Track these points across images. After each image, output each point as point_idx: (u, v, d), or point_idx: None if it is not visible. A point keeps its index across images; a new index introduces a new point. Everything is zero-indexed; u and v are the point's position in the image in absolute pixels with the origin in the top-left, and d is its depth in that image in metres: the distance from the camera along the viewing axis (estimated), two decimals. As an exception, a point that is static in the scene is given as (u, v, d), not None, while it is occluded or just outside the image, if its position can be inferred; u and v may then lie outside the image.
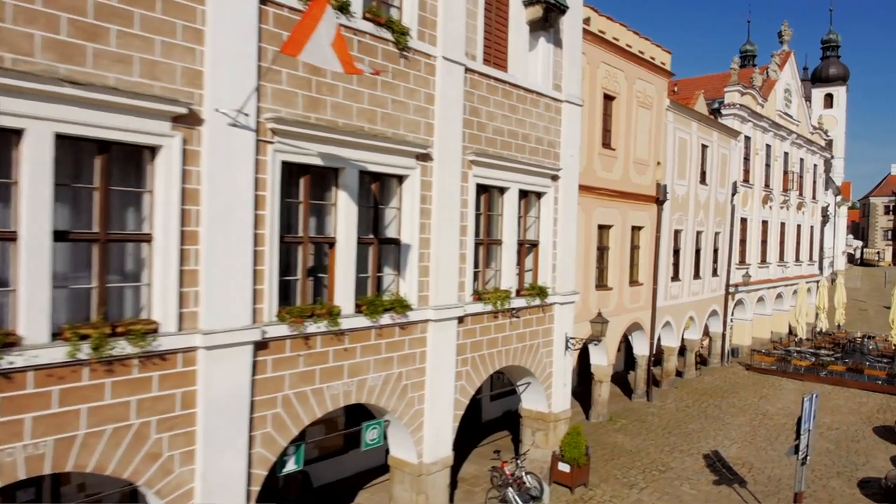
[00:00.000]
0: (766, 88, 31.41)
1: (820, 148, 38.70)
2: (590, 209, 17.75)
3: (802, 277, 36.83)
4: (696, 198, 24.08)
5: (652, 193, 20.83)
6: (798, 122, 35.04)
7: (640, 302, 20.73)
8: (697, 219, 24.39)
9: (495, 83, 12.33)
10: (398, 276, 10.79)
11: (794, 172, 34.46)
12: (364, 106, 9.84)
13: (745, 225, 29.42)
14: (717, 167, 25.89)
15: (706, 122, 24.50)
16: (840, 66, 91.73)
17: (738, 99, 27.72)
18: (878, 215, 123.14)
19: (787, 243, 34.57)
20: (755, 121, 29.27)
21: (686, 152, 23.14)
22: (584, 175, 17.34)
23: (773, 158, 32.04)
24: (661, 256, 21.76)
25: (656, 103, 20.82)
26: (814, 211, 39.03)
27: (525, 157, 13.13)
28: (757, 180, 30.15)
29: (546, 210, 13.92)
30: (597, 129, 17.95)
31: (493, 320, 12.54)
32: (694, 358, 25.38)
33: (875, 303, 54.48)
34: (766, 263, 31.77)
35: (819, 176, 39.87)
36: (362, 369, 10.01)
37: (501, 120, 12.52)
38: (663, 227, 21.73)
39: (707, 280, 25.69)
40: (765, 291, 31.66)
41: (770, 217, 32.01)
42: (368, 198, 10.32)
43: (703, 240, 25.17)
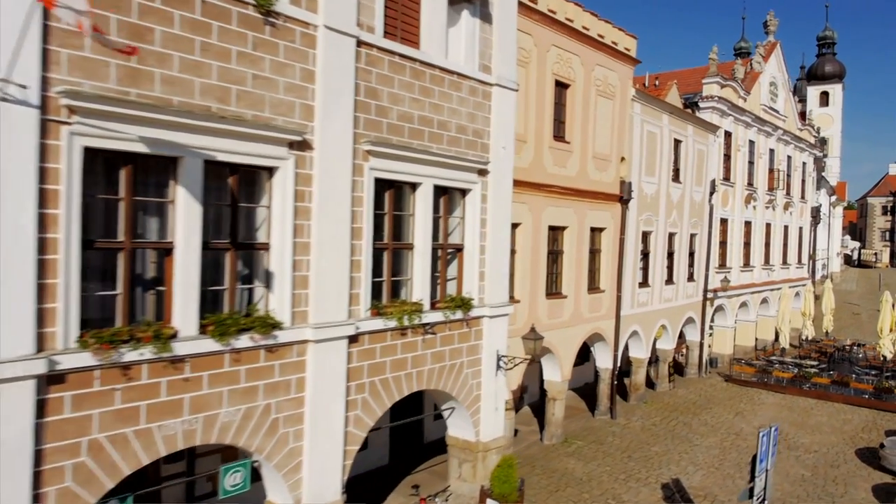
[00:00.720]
0: (749, 81, 29.59)
1: (809, 145, 36.89)
2: (539, 209, 15.94)
3: (790, 281, 34.99)
4: (667, 197, 22.27)
5: (615, 192, 19.02)
6: (785, 118, 33.23)
7: (602, 310, 18.92)
8: (670, 219, 22.57)
9: (401, 61, 10.53)
10: (267, 290, 8.98)
11: (780, 170, 32.65)
12: (211, 81, 8.02)
13: (725, 226, 27.61)
14: (693, 164, 24.08)
15: (680, 115, 22.70)
16: (836, 63, 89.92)
17: (718, 91, 25.90)
18: (875, 216, 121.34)
19: (773, 245, 32.76)
20: (736, 115, 27.46)
21: (656, 147, 21.33)
22: (531, 170, 15.56)
23: (756, 155, 30.23)
24: (627, 260, 19.95)
25: (620, 93, 19.01)
26: (802, 211, 37.22)
27: (442, 149, 11.32)
28: (739, 178, 28.34)
29: (472, 210, 12.12)
30: (547, 120, 16.15)
31: (400, 338, 10.73)
32: (667, 369, 23.57)
33: (869, 306, 52.65)
34: (750, 267, 29.94)
35: (809, 175, 38.06)
36: (211, 403, 8.20)
37: (410, 104, 10.71)
38: (629, 228, 19.91)
39: (682, 285, 23.88)
40: (748, 296, 29.85)
41: (754, 217, 30.20)
42: (223, 194, 8.52)
43: (677, 242, 23.36)
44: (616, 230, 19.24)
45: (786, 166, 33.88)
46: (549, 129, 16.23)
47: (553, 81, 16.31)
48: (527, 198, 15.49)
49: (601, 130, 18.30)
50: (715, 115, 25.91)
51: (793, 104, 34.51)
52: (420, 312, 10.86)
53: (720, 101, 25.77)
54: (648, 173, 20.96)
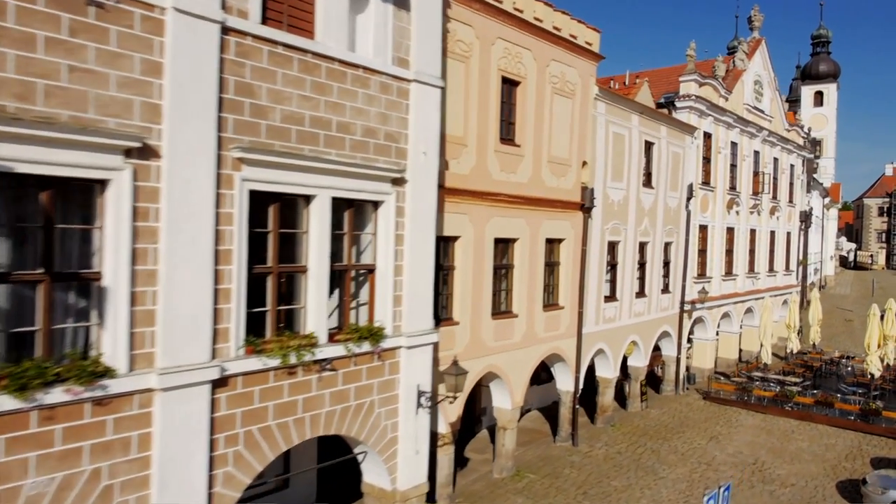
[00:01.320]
0: (731, 79, 28.02)
1: (797, 147, 35.33)
2: (482, 220, 14.34)
3: (777, 289, 33.45)
4: (638, 203, 20.67)
5: (575, 199, 17.42)
6: (771, 118, 31.66)
7: (561, 329, 17.32)
8: (641, 228, 20.97)
9: (287, 52, 8.94)
10: (100, 328, 7.38)
11: (765, 173, 31.08)
12: (6, 75, 6.44)
13: (705, 233, 26.03)
14: (668, 168, 22.49)
15: (651, 116, 21.10)
16: (830, 62, 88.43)
17: (695, 90, 24.32)
18: (871, 217, 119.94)
19: (758, 252, 31.17)
20: (716, 115, 25.88)
21: (624, 150, 19.74)
22: (473, 177, 13.97)
23: (740, 158, 28.65)
24: (591, 273, 18.37)
25: (581, 91, 17.42)
26: (790, 216, 35.66)
27: (343, 155, 9.73)
28: (720, 182, 26.76)
29: (385, 224, 10.53)
30: (493, 121, 14.55)
31: (288, 378, 9.13)
32: (639, 388, 21.97)
33: (863, 312, 50.95)
34: (732, 275, 28.36)
35: (797, 177, 36.51)
36: (11, 474, 6.60)
37: (300, 103, 9.12)
38: (592, 238, 18.33)
39: (655, 298, 22.29)
40: (731, 307, 28.25)
41: (737, 223, 28.61)
42: (33, 214, 6.92)
43: (650, 252, 21.77)
44: (577, 241, 17.64)
45: (772, 169, 32.31)
46: (495, 131, 14.63)
47: (499, 78, 14.71)
48: (467, 208, 13.90)
49: (559, 132, 16.71)
50: (693, 116, 24.33)
51: (780, 104, 32.95)
52: (313, 347, 9.27)
53: (698, 101, 24.19)
54: (615, 178, 19.37)
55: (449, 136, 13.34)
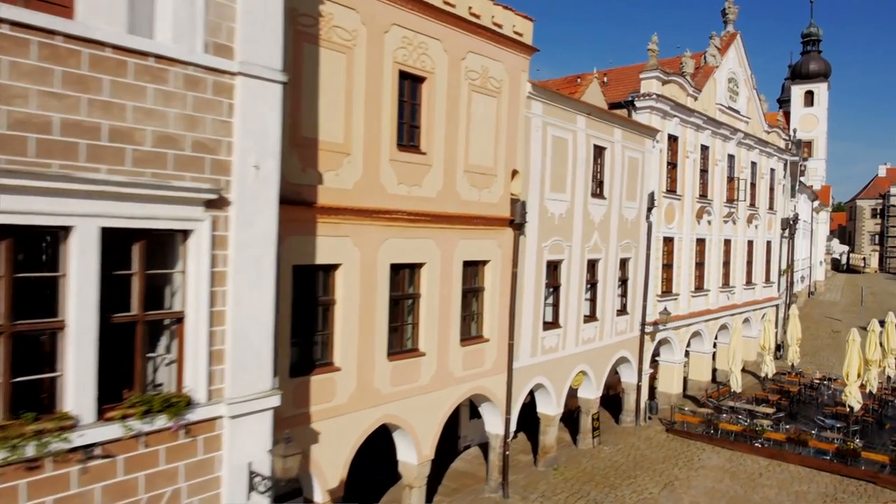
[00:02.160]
0: (701, 77, 25.67)
1: (778, 150, 32.99)
2: (372, 243, 11.94)
3: (756, 304, 31.13)
4: (585, 216, 18.29)
5: (502, 214, 15.03)
6: (748, 119, 29.32)
7: (485, 365, 14.93)
8: (589, 244, 18.59)
9: (20, 33, 6.53)
10: None
11: (741, 179, 28.73)
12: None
13: (670, 246, 23.67)
14: (624, 175, 20.12)
15: (602, 117, 18.72)
16: (821, 61, 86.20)
17: (657, 88, 21.95)
18: (864, 219, 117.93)
19: (734, 264, 28.84)
20: (683, 116, 23.52)
21: (567, 156, 17.35)
22: (358, 192, 11.61)
23: (712, 163, 26.30)
24: (525, 298, 16.00)
25: (509, 89, 15.03)
26: (771, 223, 33.34)
27: (121, 172, 7.31)
28: (688, 190, 24.40)
29: (197, 260, 8.11)
30: (387, 124, 12.15)
31: (28, 475, 6.72)
32: (591, 423, 19.59)
33: (852, 321, 48.83)
34: (703, 291, 26.00)
35: (778, 182, 34.19)
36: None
37: (42, 102, 6.70)
38: (526, 258, 15.96)
39: (610, 321, 19.91)
40: (702, 325, 25.91)
41: (709, 234, 26.26)
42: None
43: (602, 270, 19.38)
44: (506, 262, 15.26)
45: (749, 174, 29.97)
46: (390, 136, 12.23)
47: (397, 73, 12.30)
48: (351, 229, 11.51)
49: (480, 137, 14.32)
50: (654, 117, 21.95)
51: (757, 104, 30.61)
52: (68, 430, 6.86)
53: (660, 100, 21.81)
54: (556, 189, 16.98)
55: (323, 144, 10.97)
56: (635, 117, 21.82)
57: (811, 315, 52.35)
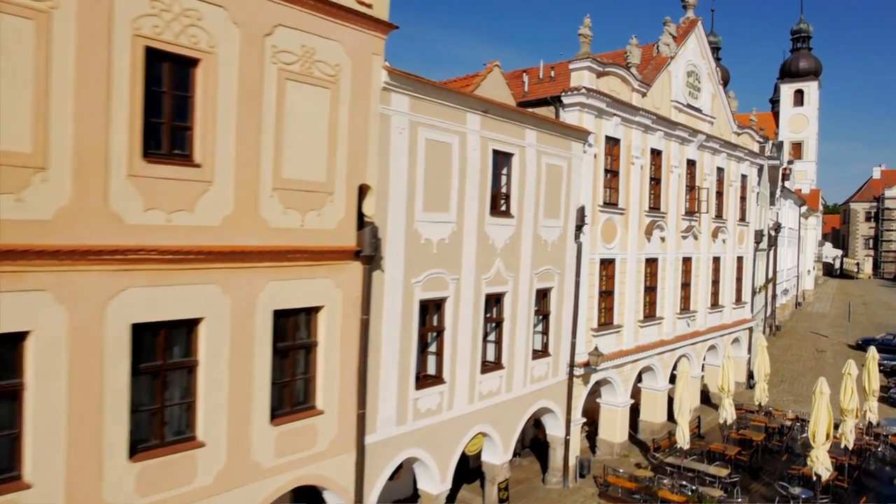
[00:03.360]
0: (651, 70, 21.96)
1: (751, 153, 29.28)
2: (94, 296, 8.18)
3: (724, 328, 27.42)
4: (482, 241, 14.56)
5: (342, 244, 11.28)
6: (713, 119, 25.62)
7: (318, 445, 11.16)
8: (489, 275, 14.85)
9: None
10: None
11: (703, 188, 25.01)
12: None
13: (610, 269, 19.94)
14: (541, 187, 16.39)
15: (508, 116, 14.98)
16: (811, 58, 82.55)
17: (591, 82, 18.22)
18: (858, 222, 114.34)
19: (696, 286, 25.13)
20: (626, 114, 19.79)
21: (450, 166, 13.61)
22: (64, 225, 7.84)
23: (666, 170, 22.59)
24: (386, 350, 12.27)
25: (352, 78, 11.28)
26: (742, 236, 29.61)
27: None
28: (634, 202, 20.67)
29: None
30: (121, 124, 8.40)
31: None
32: (497, 493, 15.84)
33: (840, 338, 45.18)
34: (655, 320, 22.28)
35: (751, 189, 30.48)
36: None
37: None
38: (386, 299, 12.21)
39: (522, 367, 16.19)
40: (654, 359, 22.20)
41: (662, 253, 22.55)
42: None
43: (510, 305, 15.65)
44: (350, 307, 11.50)
45: (715, 181, 26.26)
46: (129, 140, 8.47)
47: (142, 51, 8.55)
48: (51, 279, 7.77)
49: (302, 141, 10.56)
50: (587, 115, 18.22)
51: (724, 102, 26.90)
52: None
53: (593, 96, 18.07)
54: (434, 207, 13.23)
55: None
56: (563, 117, 18.11)
57: (795, 330, 48.74)
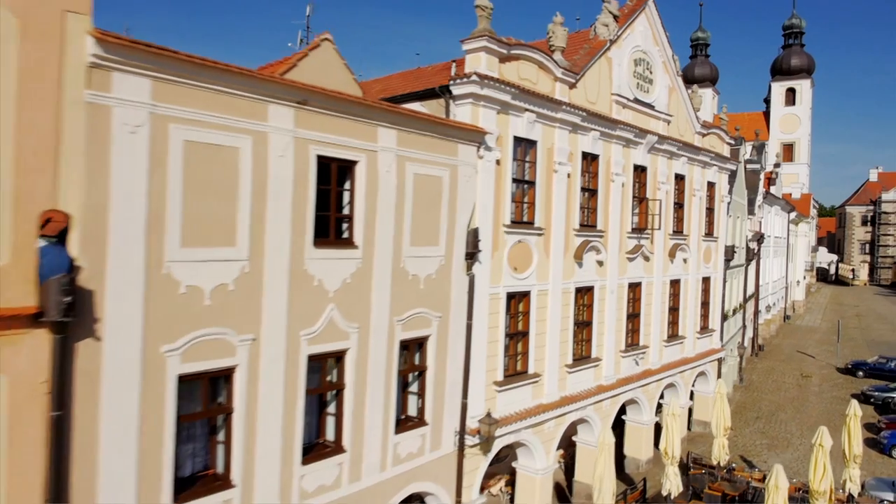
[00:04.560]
0: (584, 56, 17.91)
1: (719, 157, 25.23)
2: None
3: (685, 363, 23.38)
4: (298, 283, 10.46)
5: (9, 304, 7.21)
6: (669, 117, 21.57)
7: None
8: (312, 329, 10.74)
9: None
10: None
11: (653, 200, 20.95)
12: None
13: (525, 304, 15.88)
14: (403, 205, 12.31)
15: (342, 110, 10.90)
16: (804, 55, 78.44)
17: (490, 67, 14.18)
18: (854, 226, 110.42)
19: (646, 316, 21.09)
20: (544, 110, 15.74)
21: (230, 180, 9.49)
22: None
23: (605, 178, 18.55)
24: (113, 458, 8.20)
25: (18, 48, 7.22)
26: (709, 253, 25.55)
27: None
28: (557, 220, 16.60)
29: None
30: None
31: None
32: None
33: (828, 359, 41.13)
34: (590, 362, 18.23)
35: (721, 199, 26.43)
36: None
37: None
38: (102, 382, 8.12)
39: (377, 446, 12.11)
40: (589, 410, 18.15)
41: (600, 279, 18.49)
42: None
43: (354, 367, 11.56)
44: (28, 402, 7.43)
45: (672, 191, 22.23)
46: None
47: None
48: None
49: None
50: (486, 111, 14.18)
51: (684, 97, 22.84)
52: None
53: (492, 85, 14.01)
54: (205, 240, 9.10)
55: None
56: (455, 112, 14.07)
57: (780, 349, 44.71)
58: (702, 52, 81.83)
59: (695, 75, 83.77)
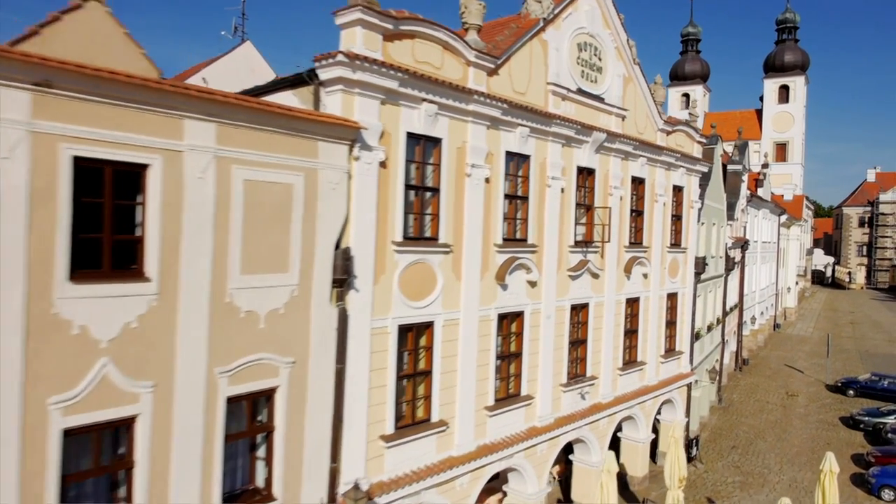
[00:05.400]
0: (509, 37, 15.03)
1: (687, 158, 22.36)
2: None
3: (646, 392, 20.52)
4: (44, 334, 7.62)
5: None
6: (623, 112, 18.71)
7: None
8: (74, 394, 7.88)
9: None
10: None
11: (602, 208, 18.09)
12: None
13: (425, 338, 13.02)
14: (228, 222, 9.46)
15: (121, 95, 8.05)
16: (798, 51, 75.51)
17: (369, 46, 11.31)
18: (851, 228, 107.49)
19: (597, 342, 18.23)
20: (448, 100, 12.86)
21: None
22: None
23: (538, 183, 15.69)
24: None
25: None
26: (676, 266, 22.69)
27: None
28: (471, 234, 13.72)
29: None
30: None
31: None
32: None
33: (818, 374, 38.25)
34: (517, 402, 15.36)
35: (692, 204, 23.56)
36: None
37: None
38: None
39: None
40: (518, 458, 15.30)
41: (532, 303, 15.64)
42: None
43: (146, 438, 8.71)
44: None
45: (628, 196, 19.36)
46: None
47: None
48: None
49: None
50: (365, 100, 11.32)
51: (642, 88, 19.96)
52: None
53: (367, 67, 11.14)
54: None
55: None
56: (325, 101, 11.21)
57: (767, 363, 41.85)
58: (693, 48, 79.00)
59: (685, 72, 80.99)
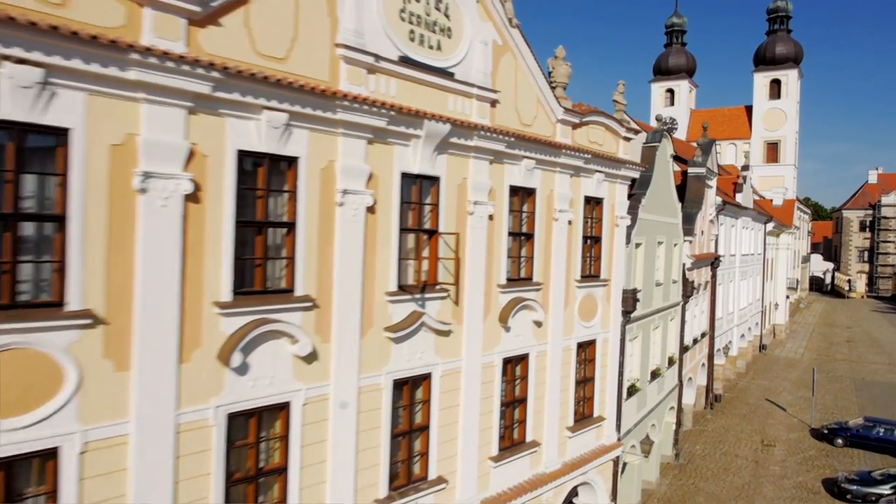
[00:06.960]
0: (248, -34, 9.34)
1: (607, 161, 16.67)
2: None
3: (538, 486, 14.86)
4: None
5: None
6: (493, 94, 13.05)
7: None
8: None
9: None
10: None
11: (447, 234, 12.40)
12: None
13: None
14: None
15: None
16: (790, 42, 69.59)
17: None
18: (852, 232, 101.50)
19: (450, 427, 12.58)
20: (97, 67, 7.24)
21: None
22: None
23: (325, 201, 10.02)
24: None
25: None
26: (593, 306, 16.99)
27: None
28: (151, 293, 8.10)
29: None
30: None
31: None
32: None
33: (802, 413, 32.36)
34: None
35: (615, 222, 17.87)
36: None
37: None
38: None
39: None
40: None
41: (318, 385, 10.00)
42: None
43: None
44: None
45: (503, 216, 13.69)
46: None
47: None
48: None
49: None
50: None
51: (529, 63, 14.29)
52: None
53: None
54: None
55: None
56: None
57: (745, 396, 36.08)
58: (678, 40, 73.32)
59: (669, 65, 75.20)
